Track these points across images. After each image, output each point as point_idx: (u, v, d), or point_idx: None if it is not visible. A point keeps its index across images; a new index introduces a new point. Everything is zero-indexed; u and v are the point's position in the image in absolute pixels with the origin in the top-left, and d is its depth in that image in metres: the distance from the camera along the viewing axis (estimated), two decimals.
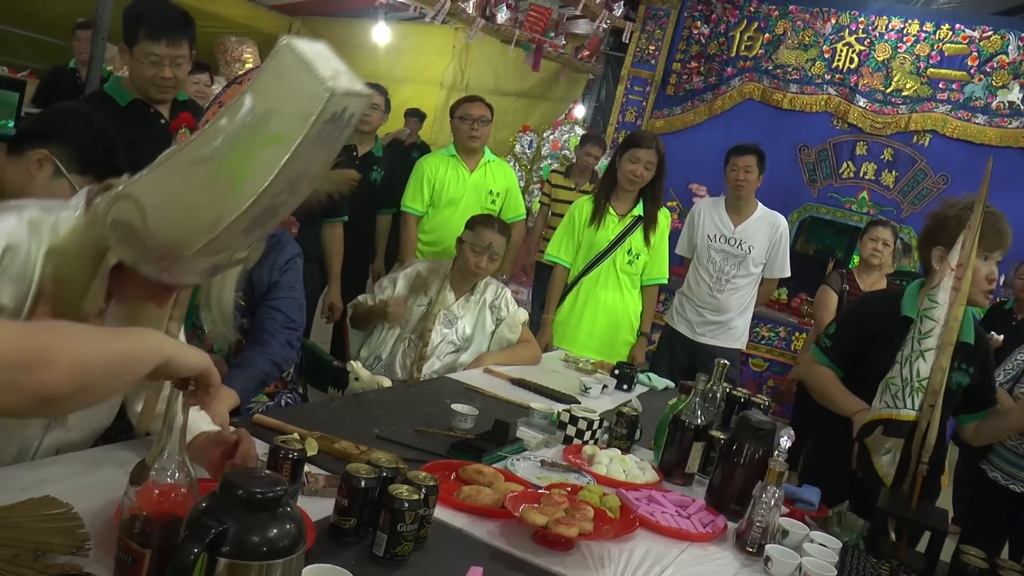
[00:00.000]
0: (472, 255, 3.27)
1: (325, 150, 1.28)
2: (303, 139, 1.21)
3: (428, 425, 2.35)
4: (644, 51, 6.99)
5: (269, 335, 2.43)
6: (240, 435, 1.66)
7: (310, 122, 1.20)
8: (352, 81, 1.22)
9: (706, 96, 6.78)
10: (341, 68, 1.22)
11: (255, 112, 1.23)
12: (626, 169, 3.89)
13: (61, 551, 1.29)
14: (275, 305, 2.49)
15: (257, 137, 1.23)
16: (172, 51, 2.77)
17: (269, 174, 1.23)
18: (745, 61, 6.66)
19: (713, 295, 4.32)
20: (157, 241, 1.35)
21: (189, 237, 1.32)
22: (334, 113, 1.21)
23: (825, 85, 6.34)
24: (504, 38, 6.43)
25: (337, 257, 4.10)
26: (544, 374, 3.28)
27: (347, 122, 1.26)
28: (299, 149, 1.22)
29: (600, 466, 2.22)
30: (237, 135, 1.24)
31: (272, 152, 1.23)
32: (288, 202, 1.34)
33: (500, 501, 1.83)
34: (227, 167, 1.26)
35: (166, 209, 1.34)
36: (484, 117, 4.26)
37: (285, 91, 1.22)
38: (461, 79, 7.89)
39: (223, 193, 1.26)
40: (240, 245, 1.40)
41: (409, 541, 1.55)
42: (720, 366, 2.63)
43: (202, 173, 1.28)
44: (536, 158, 6.83)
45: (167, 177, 1.34)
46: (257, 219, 1.31)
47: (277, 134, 1.23)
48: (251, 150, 1.24)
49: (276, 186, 1.25)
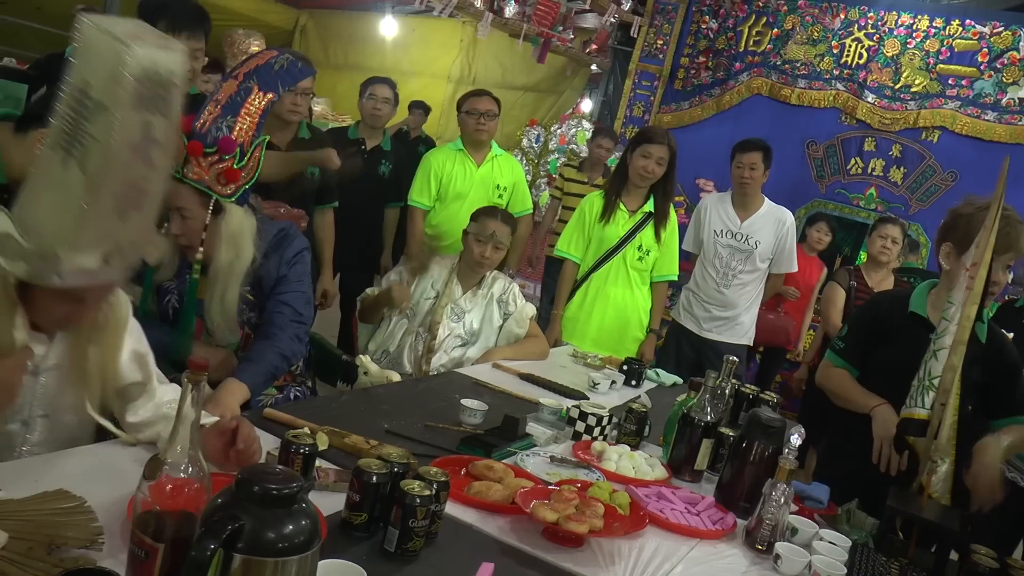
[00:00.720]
0: (476, 245, 3.27)
1: (159, 114, 1.32)
2: (121, 100, 1.26)
3: (437, 420, 2.35)
4: (652, 45, 6.96)
5: (278, 329, 2.44)
6: (237, 421, 1.66)
7: (122, 82, 1.25)
8: (156, 38, 1.29)
9: (714, 91, 6.76)
10: (143, 30, 1.29)
11: (75, 89, 1.29)
12: (637, 165, 3.88)
13: (75, 544, 1.30)
14: (283, 299, 2.49)
15: (85, 112, 1.28)
16: (191, 44, 2.84)
17: (106, 145, 1.27)
18: (753, 56, 6.63)
19: (720, 290, 4.31)
20: (35, 243, 1.37)
21: (62, 232, 1.35)
22: (145, 70, 1.26)
23: (834, 80, 6.31)
24: (512, 32, 6.41)
25: (329, 244, 4.07)
26: (552, 369, 3.28)
27: (168, 81, 1.30)
28: (124, 113, 1.27)
29: (609, 462, 2.22)
30: (68, 117, 1.29)
31: (101, 122, 1.27)
32: (151, 176, 1.36)
33: (510, 497, 1.83)
34: (73, 152, 1.30)
35: (33, 207, 1.37)
36: (491, 111, 4.25)
37: (92, 60, 1.28)
38: (468, 73, 7.88)
39: (75, 178, 1.31)
40: (125, 232, 1.40)
41: (420, 537, 1.55)
42: (729, 363, 2.63)
43: (54, 164, 1.32)
44: (543, 152, 6.82)
45: (30, 179, 1.39)
46: (124, 199, 1.34)
47: (98, 102, 1.28)
48: (83, 127, 1.29)
49: (120, 157, 1.29)
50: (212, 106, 2.25)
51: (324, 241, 4.03)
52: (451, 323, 3.29)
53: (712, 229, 4.36)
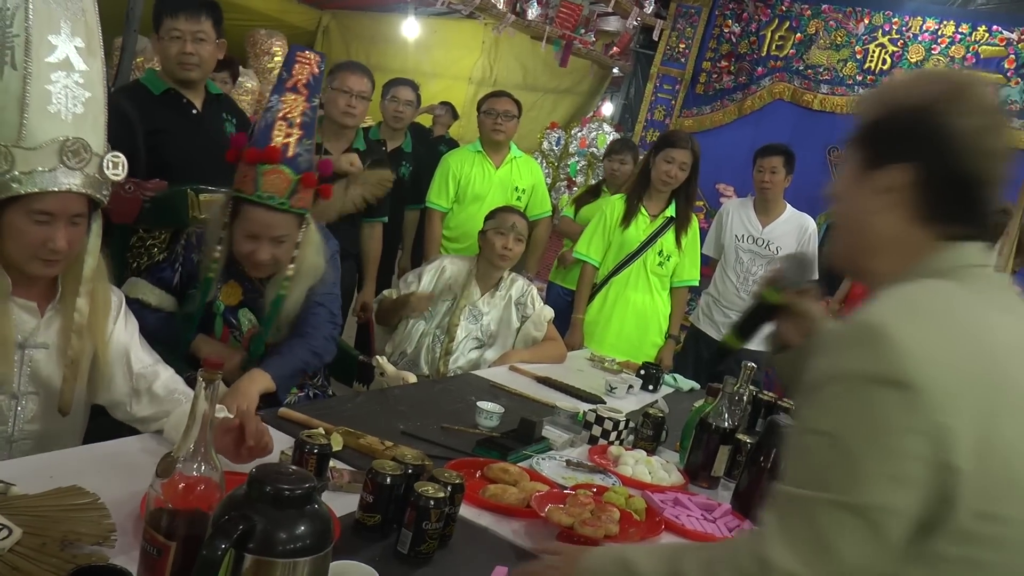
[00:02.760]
0: (498, 238, 3.25)
1: None
2: None
3: (453, 422, 2.34)
4: (674, 49, 6.93)
5: (312, 328, 2.45)
6: (242, 418, 1.66)
7: None
8: None
9: (736, 96, 6.71)
10: None
11: None
12: (660, 169, 3.86)
13: (88, 541, 1.30)
14: (319, 300, 2.50)
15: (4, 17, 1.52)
16: (192, 26, 2.84)
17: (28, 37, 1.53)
18: (776, 61, 6.58)
19: (740, 296, 4.28)
20: None
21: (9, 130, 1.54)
22: None
23: (856, 86, 6.25)
24: (534, 34, 6.40)
25: (374, 259, 4.02)
26: (570, 373, 3.26)
27: None
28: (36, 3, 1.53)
29: (626, 467, 2.20)
30: None
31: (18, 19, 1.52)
32: None
33: (525, 500, 1.82)
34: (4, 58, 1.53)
35: None
36: (509, 112, 4.23)
37: None
38: (490, 74, 7.87)
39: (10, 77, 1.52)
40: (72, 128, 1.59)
41: (434, 539, 1.54)
42: (747, 369, 2.60)
43: None
44: (563, 155, 6.80)
45: None
46: None
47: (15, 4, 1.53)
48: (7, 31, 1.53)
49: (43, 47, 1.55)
50: (285, 125, 2.26)
51: (370, 256, 3.97)
52: (468, 325, 3.28)
53: (733, 234, 4.33)
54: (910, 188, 1.17)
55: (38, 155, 1.56)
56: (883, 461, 1.01)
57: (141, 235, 2.61)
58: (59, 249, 1.65)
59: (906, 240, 1.18)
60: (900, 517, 1.01)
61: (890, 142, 1.19)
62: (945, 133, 1.14)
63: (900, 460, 1.00)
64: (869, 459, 1.01)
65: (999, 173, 1.16)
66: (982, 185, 1.16)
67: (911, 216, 1.17)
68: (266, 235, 2.28)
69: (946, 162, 1.15)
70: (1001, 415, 1.03)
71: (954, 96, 1.15)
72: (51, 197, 1.60)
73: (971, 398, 1.02)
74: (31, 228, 1.62)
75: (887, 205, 1.18)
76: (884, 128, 1.21)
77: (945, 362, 1.02)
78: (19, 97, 1.53)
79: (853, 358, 1.05)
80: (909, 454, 1.00)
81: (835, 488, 1.03)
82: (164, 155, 2.81)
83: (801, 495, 1.06)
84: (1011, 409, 1.04)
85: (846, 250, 1.23)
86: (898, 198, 1.18)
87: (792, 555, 1.04)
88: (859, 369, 1.03)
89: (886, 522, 1.01)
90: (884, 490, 1.00)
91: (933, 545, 1.02)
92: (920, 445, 0.99)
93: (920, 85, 1.21)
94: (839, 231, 1.29)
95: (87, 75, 1.61)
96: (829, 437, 1.04)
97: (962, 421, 1.00)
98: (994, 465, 1.02)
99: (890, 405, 1.00)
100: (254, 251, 2.30)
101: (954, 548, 1.02)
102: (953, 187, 1.16)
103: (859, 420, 1.02)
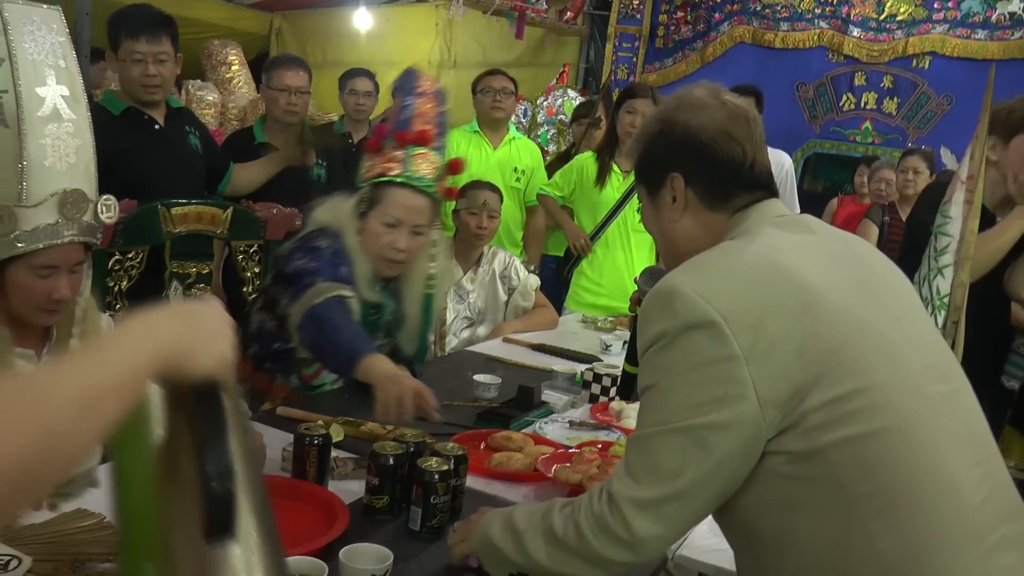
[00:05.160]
0: (472, 217, 3.24)
1: None
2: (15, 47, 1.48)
3: (452, 398, 2.33)
4: (628, 6, 6.89)
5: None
6: None
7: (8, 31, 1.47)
8: None
9: (696, 45, 6.69)
10: None
11: None
12: (625, 122, 3.84)
13: (99, 559, 1.30)
14: None
15: None
16: (153, 47, 2.81)
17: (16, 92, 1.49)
18: (733, 4, 6.55)
19: None
20: None
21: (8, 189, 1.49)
22: None
23: (816, 19, 6.24)
24: (485, 9, 6.35)
25: None
26: (564, 337, 3.27)
27: None
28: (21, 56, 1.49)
29: (629, 420, 2.20)
30: None
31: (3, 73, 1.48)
32: None
33: (532, 465, 1.83)
34: None
35: None
36: (507, 88, 4.20)
37: None
38: (448, 56, 7.81)
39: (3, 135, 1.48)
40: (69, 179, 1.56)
41: (444, 512, 1.54)
42: None
43: None
44: (532, 126, 6.77)
45: None
46: None
47: None
48: None
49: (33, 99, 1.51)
50: (421, 120, 2.27)
51: None
52: (456, 305, 3.28)
53: None
54: (687, 189, 1.36)
55: (39, 212, 1.53)
56: (704, 388, 1.15)
57: (118, 257, 2.59)
58: (64, 299, 1.62)
59: (708, 229, 1.36)
60: (725, 431, 1.14)
61: (656, 165, 1.40)
62: (685, 137, 1.35)
63: (718, 384, 1.14)
64: (692, 389, 1.16)
65: (748, 146, 1.33)
66: (738, 162, 1.33)
67: (702, 209, 1.36)
68: (409, 221, 2.21)
69: (698, 158, 1.34)
70: (811, 310, 1.16)
71: (679, 106, 1.38)
72: (54, 250, 1.57)
73: (777, 312, 1.16)
74: (35, 283, 1.58)
75: (680, 211, 1.38)
76: (645, 160, 1.43)
77: (735, 295, 1.17)
78: (15, 156, 1.49)
79: (660, 319, 1.20)
80: (725, 378, 1.14)
81: (667, 420, 1.17)
82: (131, 174, 2.78)
83: (639, 434, 1.23)
84: (818, 302, 1.18)
85: (676, 261, 1.36)
86: (684, 201, 1.37)
87: (632, 483, 1.18)
88: (669, 325, 1.18)
89: (709, 437, 1.14)
90: (707, 411, 1.14)
91: (814, 441, 1.13)
92: (734, 367, 1.13)
93: (655, 113, 1.45)
94: (663, 251, 1.49)
95: (76, 123, 1.59)
96: (657, 385, 1.20)
97: (774, 332, 1.14)
98: (824, 352, 1.14)
99: (703, 342, 1.15)
100: (393, 240, 2.21)
101: (830, 435, 1.13)
102: (715, 173, 1.34)
103: (680, 362, 1.18)
